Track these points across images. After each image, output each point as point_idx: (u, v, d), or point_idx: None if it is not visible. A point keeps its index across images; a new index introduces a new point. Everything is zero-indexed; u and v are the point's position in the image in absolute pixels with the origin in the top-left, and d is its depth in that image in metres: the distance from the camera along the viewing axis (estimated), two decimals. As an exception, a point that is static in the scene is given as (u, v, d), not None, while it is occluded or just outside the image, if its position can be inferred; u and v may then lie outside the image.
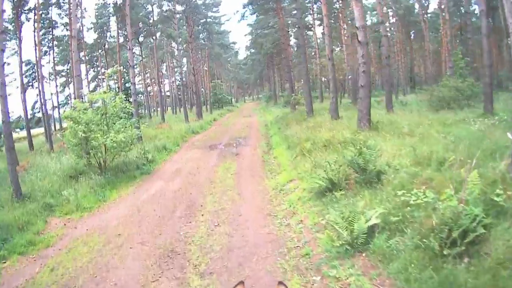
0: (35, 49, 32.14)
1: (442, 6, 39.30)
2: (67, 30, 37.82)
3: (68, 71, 44.60)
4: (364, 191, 7.92)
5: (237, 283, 2.20)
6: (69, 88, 47.01)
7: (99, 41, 47.89)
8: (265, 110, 50.28)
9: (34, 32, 31.91)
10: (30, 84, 43.82)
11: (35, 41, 31.93)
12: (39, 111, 40.33)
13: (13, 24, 32.47)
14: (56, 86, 45.95)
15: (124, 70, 36.02)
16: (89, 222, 9.77)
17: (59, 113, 42.01)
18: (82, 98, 16.87)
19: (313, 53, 55.70)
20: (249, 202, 9.96)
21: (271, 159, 15.71)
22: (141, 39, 49.26)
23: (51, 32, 40.89)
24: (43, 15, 38.61)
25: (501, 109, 17.26)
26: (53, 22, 39.99)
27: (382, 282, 5.09)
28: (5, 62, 13.72)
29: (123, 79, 40.35)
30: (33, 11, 32.71)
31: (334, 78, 21.23)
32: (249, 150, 18.51)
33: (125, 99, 17.04)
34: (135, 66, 55.36)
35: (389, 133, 12.96)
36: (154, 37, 49.08)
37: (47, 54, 42.73)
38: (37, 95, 39.11)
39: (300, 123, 21.89)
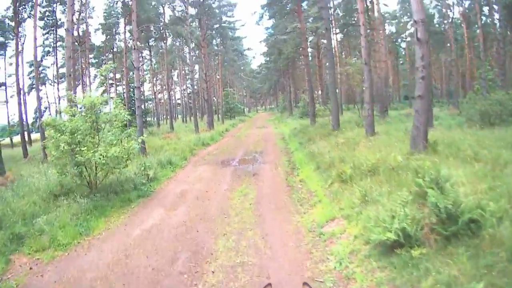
0: (35, 48, 29.75)
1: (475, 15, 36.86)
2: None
3: (76, 73, 42.23)
4: (456, 251, 5.27)
5: (265, 285, 1.97)
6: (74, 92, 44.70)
7: (107, 43, 45.68)
8: (280, 121, 47.91)
9: (35, 29, 29.55)
10: (34, 86, 41.89)
11: (35, 39, 29.54)
12: (42, 115, 38.30)
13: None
14: (58, 90, 44.10)
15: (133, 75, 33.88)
16: (60, 268, 7.17)
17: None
18: (73, 103, 14.07)
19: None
20: (279, 253, 7.09)
21: (298, 183, 12.82)
22: (152, 43, 47.31)
23: (55, 32, 38.84)
24: (47, 13, 36.79)
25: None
26: (58, 21, 37.95)
27: None
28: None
29: (131, 84, 38.18)
30: (33, 7, 30.57)
31: (371, 86, 17.85)
32: (268, 169, 15.70)
33: (123, 104, 14.48)
34: (144, 71, 53.75)
35: (453, 156, 9.98)
36: (165, 41, 46.90)
37: (49, 54, 40.80)
38: (41, 97, 37.29)
39: (326, 138, 19.02)
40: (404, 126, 17.95)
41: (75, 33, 36.57)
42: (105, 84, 48.97)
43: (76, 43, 37.02)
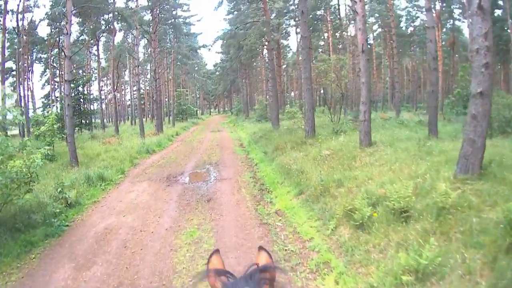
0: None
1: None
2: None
3: (19, 69, 37.07)
4: None
5: (212, 251, 1.85)
6: (19, 90, 39.01)
7: (52, 36, 40.53)
8: (236, 125, 44.44)
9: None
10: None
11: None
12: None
13: None
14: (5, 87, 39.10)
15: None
16: None
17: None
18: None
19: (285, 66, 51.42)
20: None
21: (275, 218, 8.77)
22: (101, 37, 43.20)
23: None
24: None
25: None
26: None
27: None
28: None
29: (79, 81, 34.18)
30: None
31: (368, 83, 13.17)
32: (228, 191, 11.59)
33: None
34: (93, 68, 48.81)
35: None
36: (114, 34, 42.40)
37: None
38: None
39: (300, 147, 15.11)
40: (403, 133, 14.64)
41: (15, 24, 33.42)
42: (52, 82, 43.87)
43: (15, 33, 32.70)
